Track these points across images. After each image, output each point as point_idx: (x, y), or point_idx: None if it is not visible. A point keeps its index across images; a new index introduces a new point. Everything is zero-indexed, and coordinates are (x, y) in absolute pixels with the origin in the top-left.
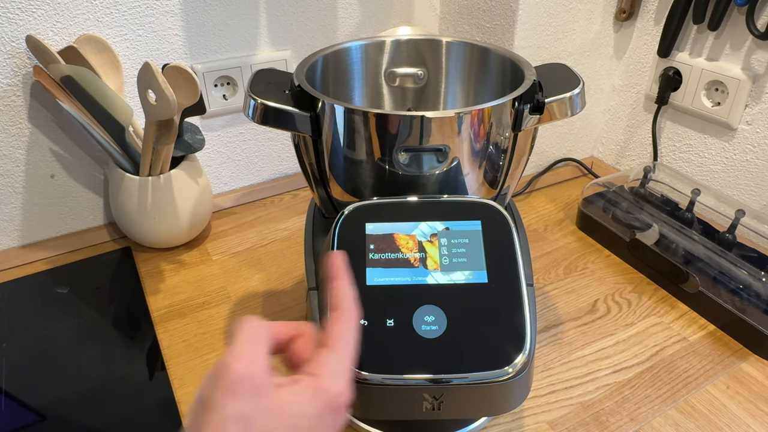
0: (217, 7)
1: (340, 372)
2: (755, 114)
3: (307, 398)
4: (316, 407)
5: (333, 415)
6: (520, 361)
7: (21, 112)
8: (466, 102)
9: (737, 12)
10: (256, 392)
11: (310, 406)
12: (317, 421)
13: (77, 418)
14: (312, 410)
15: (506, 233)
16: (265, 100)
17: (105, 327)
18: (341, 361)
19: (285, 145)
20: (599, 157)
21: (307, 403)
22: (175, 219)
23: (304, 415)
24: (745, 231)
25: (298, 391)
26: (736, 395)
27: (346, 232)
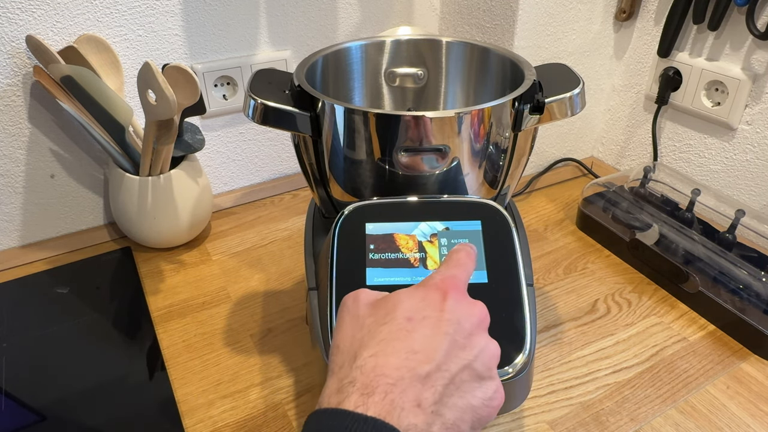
0: (217, 7)
1: (441, 271)
2: (755, 114)
3: (412, 289)
4: (419, 290)
5: (435, 292)
6: (520, 361)
7: (21, 112)
8: (466, 102)
9: (737, 12)
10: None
11: (414, 290)
12: (423, 299)
13: (77, 418)
14: (417, 293)
15: (506, 233)
16: (265, 100)
17: (105, 327)
18: (444, 267)
19: (285, 145)
20: (599, 157)
21: (411, 290)
22: (175, 219)
23: (411, 296)
24: (745, 231)
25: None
26: (736, 395)
27: (346, 232)
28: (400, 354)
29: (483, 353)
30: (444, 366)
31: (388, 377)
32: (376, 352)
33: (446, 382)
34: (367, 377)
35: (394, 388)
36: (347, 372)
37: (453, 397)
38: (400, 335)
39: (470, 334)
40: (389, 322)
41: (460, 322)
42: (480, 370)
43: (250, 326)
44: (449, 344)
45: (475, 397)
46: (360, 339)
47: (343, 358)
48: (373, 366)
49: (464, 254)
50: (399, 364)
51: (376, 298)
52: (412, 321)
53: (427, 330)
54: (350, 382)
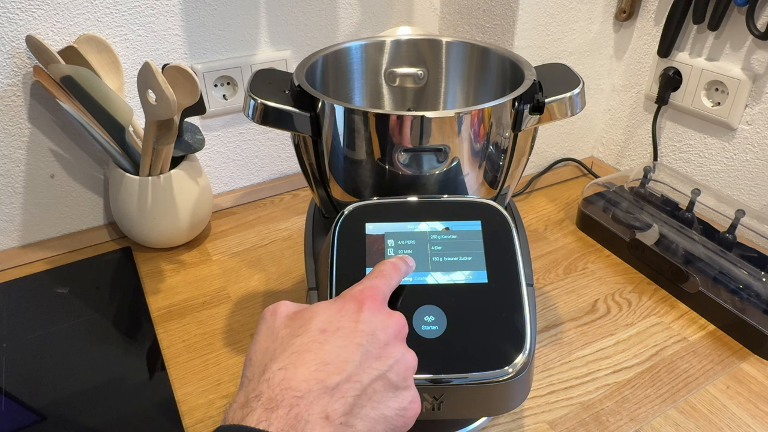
0: (217, 7)
1: (362, 281)
2: (755, 114)
3: (330, 301)
4: (336, 302)
5: (352, 303)
6: (520, 361)
7: (21, 112)
8: (466, 102)
9: (737, 12)
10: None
11: (332, 302)
12: (339, 311)
13: (77, 418)
14: (334, 305)
15: (506, 233)
16: (265, 100)
17: (105, 327)
18: (366, 277)
19: (285, 145)
20: (599, 157)
21: (329, 302)
22: (175, 219)
23: (328, 308)
24: (745, 231)
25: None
26: (736, 395)
27: (346, 232)
28: (311, 366)
29: (398, 364)
30: (356, 377)
31: (295, 390)
32: (285, 364)
33: (358, 392)
34: (274, 391)
35: (300, 401)
36: (255, 386)
37: (365, 407)
38: (312, 347)
39: (385, 345)
40: (302, 334)
41: (375, 333)
42: (394, 380)
43: (250, 326)
44: (362, 355)
45: (389, 408)
46: (272, 351)
47: (253, 371)
48: (281, 379)
49: (390, 265)
50: (308, 376)
51: (296, 310)
52: (326, 332)
53: (340, 341)
54: (256, 396)
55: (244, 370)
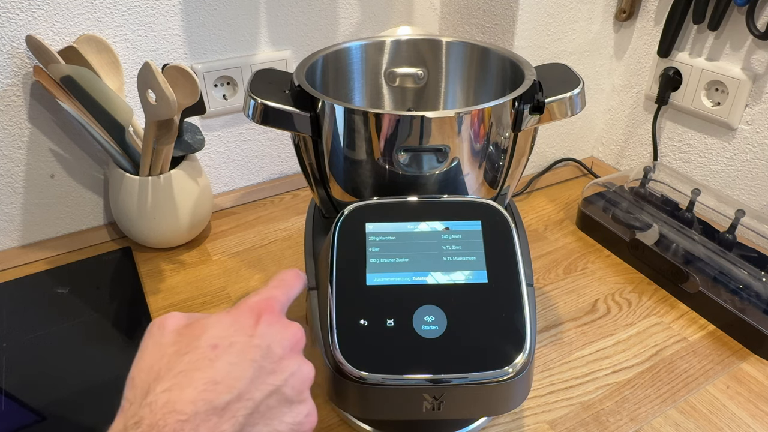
0: (217, 7)
1: (259, 291)
2: (755, 114)
3: (224, 313)
4: (231, 313)
5: (247, 315)
6: (520, 361)
7: (21, 112)
8: (466, 102)
9: (737, 12)
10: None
11: (226, 313)
12: (232, 324)
13: (77, 418)
14: (228, 317)
15: (506, 233)
16: (265, 100)
17: (105, 327)
18: (264, 287)
19: (285, 145)
20: (599, 157)
21: (223, 314)
22: (175, 219)
23: (221, 321)
24: (745, 231)
25: None
26: (736, 395)
27: (346, 232)
28: (198, 385)
29: (293, 377)
30: (247, 395)
31: (180, 413)
32: (171, 386)
33: (249, 411)
34: (156, 415)
35: (185, 425)
36: (135, 410)
37: (258, 425)
38: (201, 365)
39: (281, 359)
40: (191, 351)
41: (271, 347)
42: (289, 394)
43: None
44: (255, 371)
45: (283, 423)
46: (157, 371)
47: (135, 393)
48: (165, 401)
49: (291, 275)
50: (195, 397)
51: (186, 323)
52: (217, 349)
53: (232, 357)
54: (136, 423)
55: (125, 391)
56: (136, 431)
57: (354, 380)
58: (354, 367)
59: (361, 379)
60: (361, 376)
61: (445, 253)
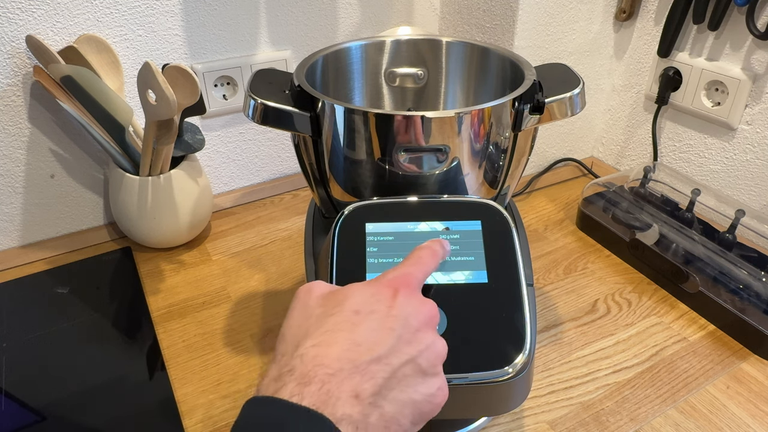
0: (217, 7)
1: (397, 267)
2: (755, 114)
3: (364, 283)
4: (371, 285)
5: (387, 288)
6: (520, 361)
7: (21, 112)
8: (466, 102)
9: (737, 12)
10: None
11: (367, 284)
12: (373, 295)
13: (77, 418)
14: (369, 288)
15: (506, 233)
16: (265, 100)
17: (105, 327)
18: (402, 263)
19: (285, 145)
20: (599, 157)
21: (364, 284)
22: (175, 219)
23: (363, 290)
24: (745, 231)
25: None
26: (736, 395)
27: (346, 232)
28: (343, 345)
29: (428, 350)
30: (386, 359)
31: (327, 367)
32: (318, 342)
33: (387, 375)
34: (306, 366)
35: (332, 378)
36: (288, 360)
37: (394, 390)
38: (345, 326)
39: (417, 331)
40: (336, 314)
41: (408, 319)
42: (424, 366)
43: (250, 326)
44: (394, 339)
45: (417, 392)
46: (306, 329)
47: (286, 346)
48: (314, 355)
49: (427, 252)
50: (340, 355)
51: (330, 290)
52: (360, 314)
53: (373, 323)
54: (289, 370)
55: (277, 345)
56: (290, 377)
57: None
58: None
59: None
60: None
61: None
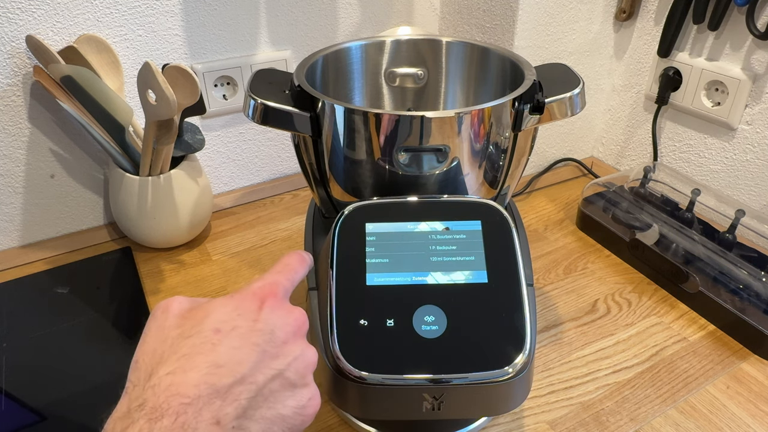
0: (217, 7)
1: (264, 276)
2: (755, 114)
3: (227, 297)
4: (234, 298)
5: (250, 300)
6: (520, 361)
7: (21, 112)
8: (466, 102)
9: (737, 12)
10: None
11: (229, 298)
12: (236, 309)
13: (77, 418)
14: (231, 301)
15: (506, 233)
16: (265, 100)
17: (105, 327)
18: (268, 272)
19: (285, 145)
20: (599, 157)
21: (227, 298)
22: (175, 219)
23: (224, 305)
24: (745, 231)
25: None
26: (736, 395)
27: (346, 232)
28: (202, 368)
29: (297, 361)
30: (250, 378)
31: (183, 396)
32: (174, 369)
33: (252, 394)
34: (159, 398)
35: (188, 408)
36: (139, 393)
37: (261, 408)
38: (204, 349)
39: (284, 343)
40: (195, 335)
41: (274, 332)
42: (292, 378)
43: None
44: (258, 355)
45: (286, 407)
46: (160, 354)
47: (139, 375)
48: (168, 384)
49: (296, 258)
50: (198, 380)
51: (189, 307)
52: (220, 333)
53: (235, 341)
54: (139, 405)
55: (129, 373)
56: (139, 413)
57: (354, 380)
58: (354, 367)
59: (361, 379)
60: (361, 376)
61: (445, 253)
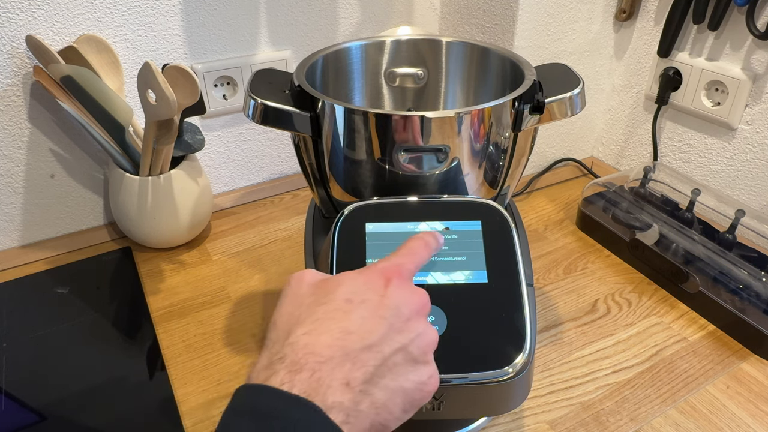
0: (217, 7)
1: (389, 257)
2: (755, 114)
3: (356, 272)
4: (363, 274)
5: (378, 277)
6: (520, 361)
7: (21, 112)
8: (466, 102)
9: (737, 12)
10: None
11: (358, 273)
12: (365, 283)
13: (77, 418)
14: (360, 276)
15: (506, 233)
16: (265, 100)
17: (105, 327)
18: (394, 253)
19: (285, 145)
20: (599, 157)
21: (355, 273)
22: (175, 219)
23: (354, 279)
24: (745, 231)
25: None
26: (736, 395)
27: (346, 232)
28: (334, 333)
29: (420, 338)
30: (377, 347)
31: (318, 355)
32: (310, 330)
33: (378, 362)
34: (297, 354)
35: (323, 366)
36: (279, 348)
37: (385, 378)
38: (336, 315)
39: (408, 319)
40: (328, 302)
41: (399, 308)
42: (415, 354)
43: (250, 326)
44: (386, 328)
45: (408, 380)
46: (297, 317)
47: (278, 334)
48: (305, 343)
49: (420, 243)
50: (331, 343)
51: (322, 278)
52: (351, 302)
53: (364, 312)
54: (280, 358)
55: (268, 332)
56: (280, 365)
57: None
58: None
59: None
60: None
61: (445, 253)
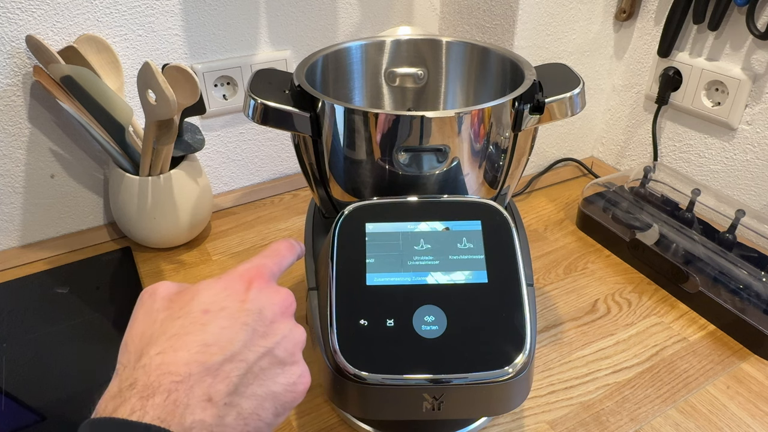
0: (217, 7)
1: (251, 259)
2: (755, 114)
3: (215, 279)
4: (221, 280)
5: (237, 281)
6: (520, 361)
7: (21, 112)
8: (466, 102)
9: (737, 12)
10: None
11: (216, 280)
12: (224, 290)
13: (77, 418)
14: (218, 283)
15: (506, 233)
16: (265, 100)
17: (105, 327)
18: (256, 256)
19: (285, 145)
20: (599, 157)
21: (214, 280)
22: (175, 219)
23: (212, 286)
24: (745, 231)
25: None
26: (736, 395)
27: (346, 232)
28: (192, 348)
29: (285, 339)
30: (240, 356)
31: (174, 374)
32: (164, 348)
33: (243, 372)
34: (150, 377)
35: (179, 386)
36: (129, 373)
37: (252, 385)
38: (193, 329)
39: (272, 322)
40: (183, 316)
41: (262, 311)
42: (282, 356)
43: None
44: (247, 334)
45: (277, 383)
46: (149, 336)
47: (129, 357)
48: (159, 363)
49: (285, 245)
50: (189, 359)
51: (177, 291)
52: (209, 313)
53: (224, 321)
54: (130, 384)
55: (119, 356)
56: (131, 392)
57: (354, 380)
58: (354, 367)
59: (361, 379)
60: (361, 376)
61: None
